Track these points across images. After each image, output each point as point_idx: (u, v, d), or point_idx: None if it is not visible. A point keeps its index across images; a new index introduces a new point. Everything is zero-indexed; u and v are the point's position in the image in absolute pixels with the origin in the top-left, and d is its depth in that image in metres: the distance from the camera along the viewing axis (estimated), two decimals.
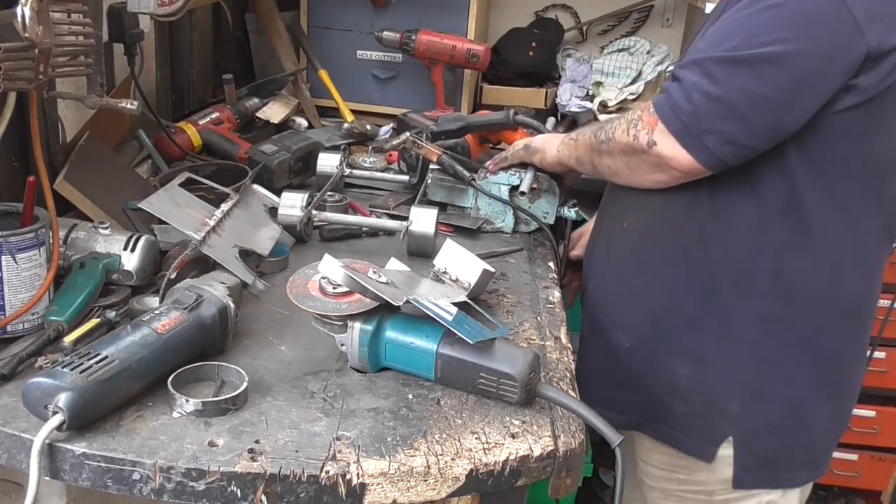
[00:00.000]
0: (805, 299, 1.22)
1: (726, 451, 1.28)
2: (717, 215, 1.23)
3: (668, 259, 1.29)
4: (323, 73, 2.21)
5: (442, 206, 1.59)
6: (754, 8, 1.12)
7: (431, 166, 1.66)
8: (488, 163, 1.63)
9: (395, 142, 1.74)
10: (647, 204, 1.30)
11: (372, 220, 1.53)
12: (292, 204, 1.44)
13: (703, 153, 1.14)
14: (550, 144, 1.49)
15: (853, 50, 1.08)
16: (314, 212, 1.46)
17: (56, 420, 0.85)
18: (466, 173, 1.60)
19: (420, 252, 1.42)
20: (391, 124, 2.19)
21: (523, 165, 1.59)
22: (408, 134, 1.67)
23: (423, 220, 1.43)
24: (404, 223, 1.44)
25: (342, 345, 1.04)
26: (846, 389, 1.32)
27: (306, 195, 1.46)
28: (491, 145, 1.93)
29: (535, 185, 1.59)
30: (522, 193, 1.57)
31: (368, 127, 2.12)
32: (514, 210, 1.59)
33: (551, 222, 1.61)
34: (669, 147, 1.16)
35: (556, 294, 1.35)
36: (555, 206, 1.59)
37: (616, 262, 1.39)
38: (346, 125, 2.11)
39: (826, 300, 1.23)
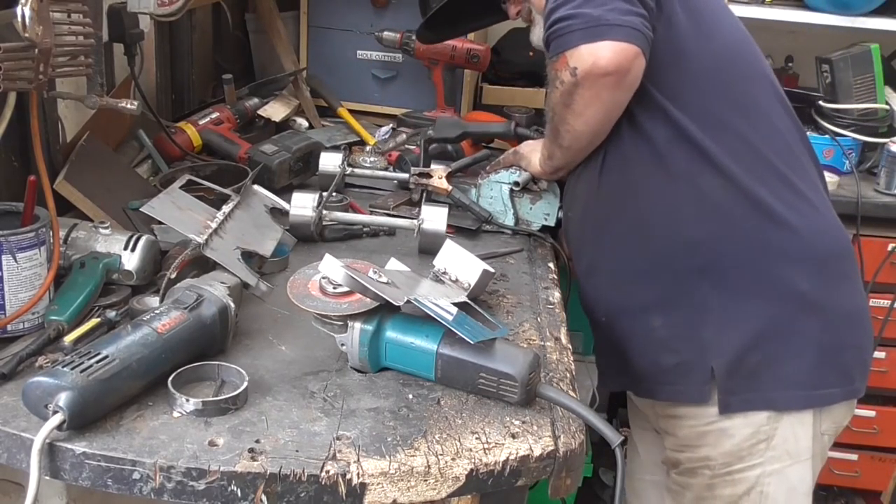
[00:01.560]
0: (730, 222, 1.29)
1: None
2: (625, 170, 1.33)
3: (603, 226, 1.38)
4: (342, 111, 2.21)
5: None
6: None
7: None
8: (488, 167, 1.64)
9: (391, 144, 1.73)
10: (577, 188, 1.43)
11: (382, 220, 1.53)
12: (303, 204, 1.44)
13: (613, 32, 1.18)
14: (534, 155, 1.54)
15: None
16: (324, 211, 1.46)
17: (56, 419, 0.85)
18: (477, 208, 1.60)
19: (431, 250, 1.42)
20: (391, 124, 2.19)
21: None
22: (413, 170, 1.66)
23: (434, 217, 1.44)
24: (415, 222, 1.44)
25: (342, 345, 1.04)
26: (836, 304, 1.32)
27: (316, 195, 1.46)
28: (484, 144, 1.93)
29: (535, 188, 1.59)
30: (516, 184, 1.57)
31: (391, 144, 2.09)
32: (515, 209, 1.60)
33: (552, 224, 1.61)
34: (587, 56, 1.19)
35: (556, 294, 1.35)
36: (556, 207, 1.59)
37: (575, 246, 1.48)
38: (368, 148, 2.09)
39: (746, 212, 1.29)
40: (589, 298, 1.46)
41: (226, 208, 1.29)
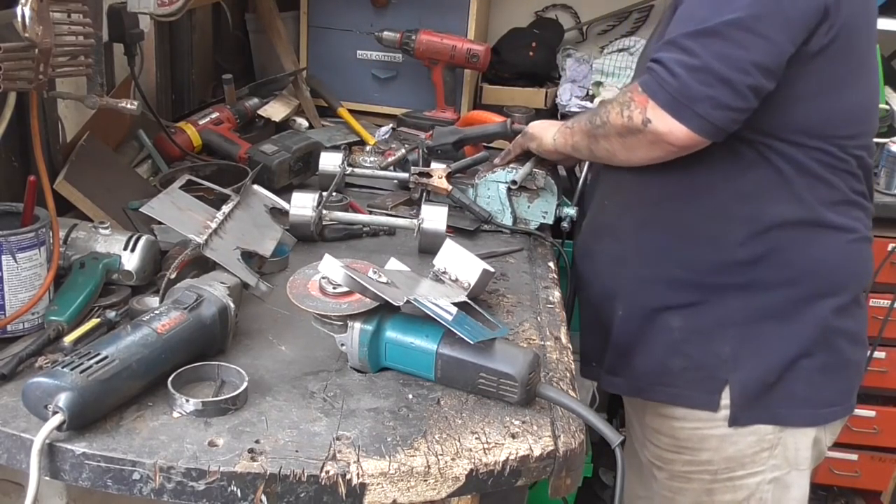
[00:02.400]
0: (781, 244, 1.28)
1: (727, 400, 1.30)
2: (689, 174, 1.29)
3: (645, 223, 1.36)
4: (342, 111, 2.21)
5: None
6: None
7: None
8: (495, 160, 1.65)
9: (393, 159, 1.73)
10: (622, 178, 1.39)
11: (383, 219, 1.53)
12: (303, 204, 1.44)
13: (696, 122, 1.17)
14: (546, 132, 1.53)
15: (812, 4, 1.16)
16: (324, 211, 1.46)
17: (56, 420, 0.85)
18: (477, 208, 1.59)
19: (431, 249, 1.42)
20: (391, 124, 2.19)
21: (527, 155, 1.60)
22: (414, 170, 1.66)
23: (434, 217, 1.44)
24: (415, 221, 1.44)
25: (342, 345, 1.04)
26: (849, 328, 1.33)
27: (316, 195, 1.46)
28: (485, 144, 1.92)
29: (533, 186, 1.59)
30: (514, 183, 1.57)
31: (393, 145, 2.09)
32: (513, 208, 1.59)
33: (550, 222, 1.61)
34: (663, 122, 1.19)
35: (556, 294, 1.35)
36: (553, 205, 1.59)
37: (601, 237, 1.46)
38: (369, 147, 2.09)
39: (801, 244, 1.29)
40: (606, 287, 1.44)
41: (226, 208, 1.29)
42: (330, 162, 1.67)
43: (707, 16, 1.16)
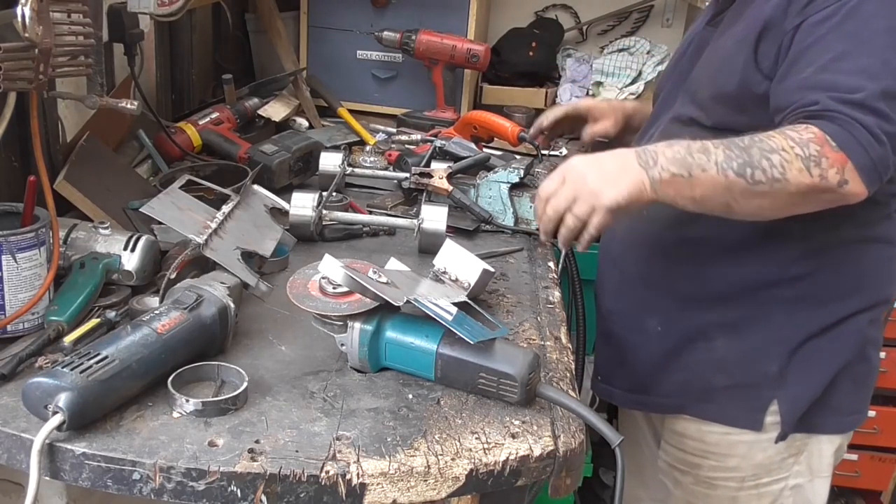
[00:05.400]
0: (836, 260, 1.24)
1: (773, 418, 1.27)
2: None
3: (692, 240, 1.29)
4: (342, 111, 2.21)
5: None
6: (873, 26, 1.10)
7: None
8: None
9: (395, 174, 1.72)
10: None
11: (383, 219, 1.53)
12: (303, 204, 1.44)
13: (877, 186, 1.09)
14: (626, 176, 1.10)
15: None
16: (324, 211, 1.46)
17: (56, 420, 0.85)
18: (477, 209, 1.58)
19: (431, 249, 1.42)
20: (385, 133, 2.19)
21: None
22: (414, 169, 1.65)
23: (434, 217, 1.44)
24: (415, 221, 1.44)
25: (342, 345, 1.04)
26: (874, 339, 1.32)
27: (316, 195, 1.46)
28: (484, 143, 1.92)
29: (536, 186, 1.59)
30: (516, 183, 1.56)
31: (403, 138, 2.09)
32: (515, 208, 1.59)
33: None
34: (858, 185, 1.07)
35: (556, 294, 1.35)
36: None
37: (639, 248, 1.37)
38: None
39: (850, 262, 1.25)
40: (640, 301, 1.37)
41: (226, 208, 1.29)
42: (330, 162, 1.67)
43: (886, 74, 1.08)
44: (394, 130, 2.17)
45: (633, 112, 1.65)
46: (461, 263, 1.22)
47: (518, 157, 1.93)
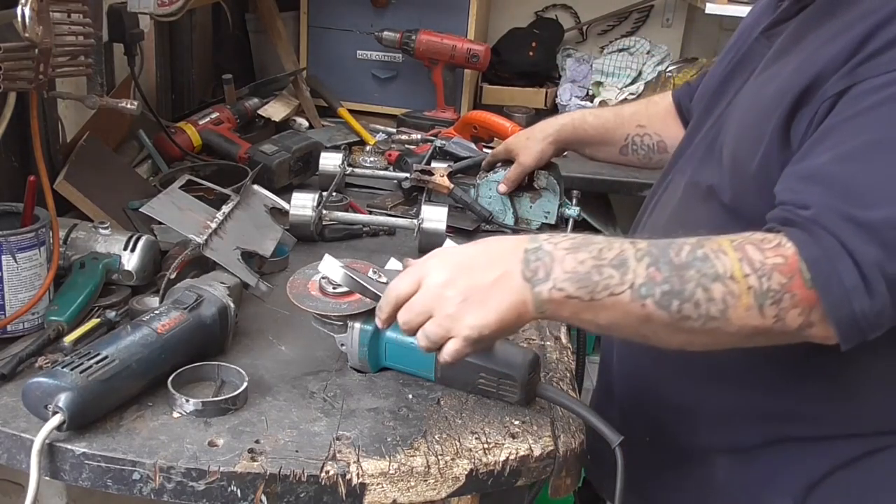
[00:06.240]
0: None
1: None
2: None
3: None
4: (342, 111, 2.21)
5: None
6: None
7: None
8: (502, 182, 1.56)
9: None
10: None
11: (383, 219, 1.53)
12: (303, 204, 1.44)
13: (856, 341, 0.80)
14: (500, 294, 0.85)
15: None
16: (324, 211, 1.46)
17: (56, 420, 0.85)
18: (479, 207, 1.57)
19: (431, 249, 1.42)
20: (384, 132, 2.19)
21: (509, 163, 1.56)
22: (416, 167, 1.64)
23: (434, 217, 1.44)
24: (415, 221, 1.44)
25: (342, 345, 1.04)
26: None
27: (316, 195, 1.46)
28: (484, 143, 1.92)
29: (535, 185, 1.58)
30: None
31: (403, 137, 2.09)
32: (515, 208, 1.59)
33: (552, 222, 1.61)
34: (824, 331, 0.80)
35: None
36: (556, 205, 1.59)
37: (627, 347, 1.10)
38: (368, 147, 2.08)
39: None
40: (633, 410, 1.09)
41: (226, 208, 1.29)
42: (330, 162, 1.67)
43: None
44: (394, 130, 2.17)
45: (567, 134, 1.49)
46: None
47: None
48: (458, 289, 0.85)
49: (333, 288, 1.03)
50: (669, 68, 2.43)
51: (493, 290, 0.84)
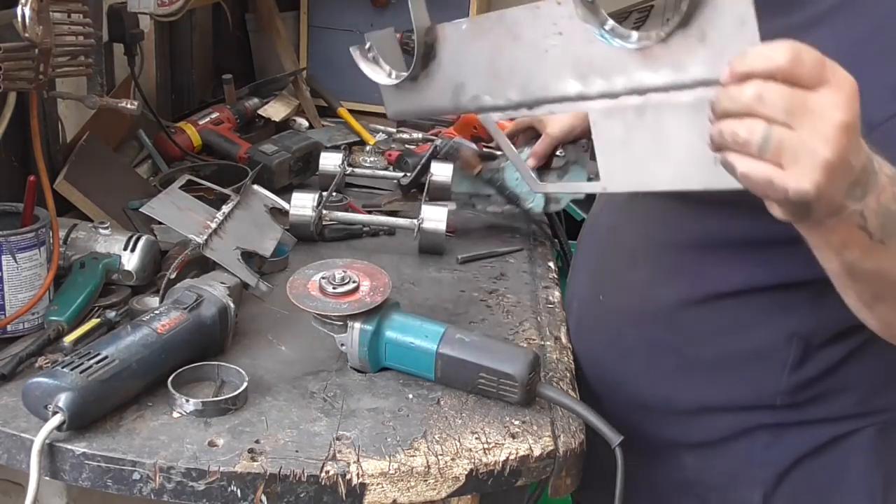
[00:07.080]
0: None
1: None
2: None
3: (655, 344, 1.06)
4: (342, 111, 2.20)
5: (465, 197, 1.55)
6: None
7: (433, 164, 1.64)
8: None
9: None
10: (629, 277, 1.08)
11: (383, 219, 1.53)
12: (303, 204, 1.44)
13: None
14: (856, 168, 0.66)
15: None
16: (324, 211, 1.46)
17: (56, 420, 0.85)
18: (507, 190, 1.49)
19: (432, 249, 1.42)
20: (385, 131, 2.19)
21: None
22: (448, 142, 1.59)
23: (434, 217, 1.43)
24: (415, 221, 1.44)
25: (342, 345, 1.04)
26: None
27: (316, 195, 1.46)
28: (484, 143, 1.92)
29: (562, 163, 1.48)
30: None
31: (404, 136, 2.08)
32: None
33: (581, 198, 1.57)
34: None
35: (556, 294, 1.35)
36: (585, 180, 1.46)
37: (595, 343, 1.14)
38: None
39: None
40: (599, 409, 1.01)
41: (226, 208, 1.29)
42: (330, 162, 1.67)
43: None
44: (394, 130, 2.17)
45: None
46: None
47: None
48: (845, 113, 0.62)
49: (333, 288, 1.03)
50: None
51: (860, 152, 0.65)
